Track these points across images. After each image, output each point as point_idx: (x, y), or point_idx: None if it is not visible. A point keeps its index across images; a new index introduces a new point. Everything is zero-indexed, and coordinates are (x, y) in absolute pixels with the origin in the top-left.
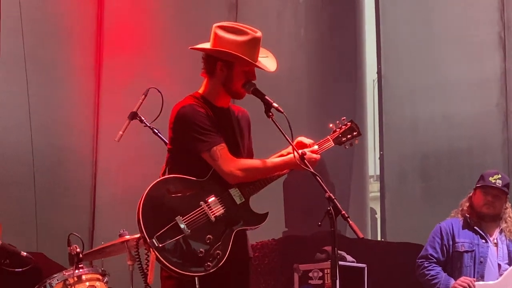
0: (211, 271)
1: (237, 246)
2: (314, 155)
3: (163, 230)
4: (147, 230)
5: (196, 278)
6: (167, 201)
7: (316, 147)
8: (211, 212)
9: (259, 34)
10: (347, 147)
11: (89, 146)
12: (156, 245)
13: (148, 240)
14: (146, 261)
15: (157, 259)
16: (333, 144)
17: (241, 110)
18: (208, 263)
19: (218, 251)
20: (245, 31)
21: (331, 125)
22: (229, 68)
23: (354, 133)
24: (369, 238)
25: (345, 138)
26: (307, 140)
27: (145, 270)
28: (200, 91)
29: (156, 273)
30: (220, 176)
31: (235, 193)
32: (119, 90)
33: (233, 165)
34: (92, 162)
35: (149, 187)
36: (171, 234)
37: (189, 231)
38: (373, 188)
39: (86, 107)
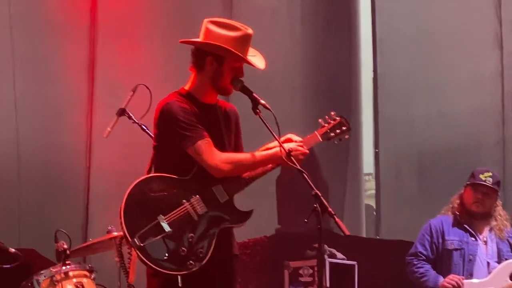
0: (193, 269)
1: (222, 244)
2: (301, 149)
3: (144, 229)
4: (128, 229)
5: (179, 276)
6: (149, 200)
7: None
8: (194, 211)
9: (250, 31)
10: (336, 142)
11: (83, 142)
12: (138, 244)
13: (130, 239)
14: (129, 260)
15: (139, 258)
16: (321, 140)
17: (229, 105)
18: (191, 261)
19: (200, 250)
20: (237, 27)
21: (320, 120)
22: (219, 63)
23: (344, 128)
24: (364, 236)
25: (333, 134)
26: (296, 138)
27: (127, 269)
28: (186, 87)
29: (141, 272)
30: (203, 175)
31: (218, 191)
32: (113, 86)
33: (218, 159)
34: (86, 158)
35: (131, 186)
36: (153, 233)
37: (171, 230)
38: (372, 186)
39: (79, 104)
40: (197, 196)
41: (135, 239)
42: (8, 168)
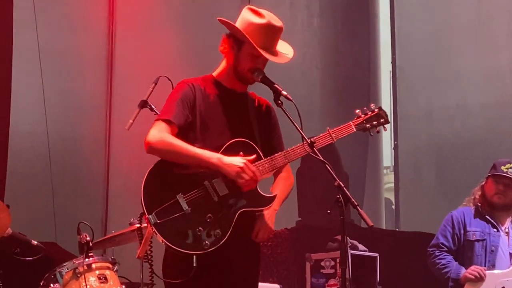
0: (209, 250)
1: (244, 228)
2: (242, 169)
3: (163, 207)
4: (147, 205)
5: (194, 256)
6: (171, 178)
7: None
8: (215, 191)
9: (278, 23)
10: (372, 134)
11: (102, 135)
12: (153, 221)
13: (147, 215)
14: (140, 234)
15: (155, 235)
16: (355, 130)
17: (265, 102)
18: (206, 242)
19: (217, 231)
20: (265, 16)
21: (357, 111)
22: (238, 47)
23: (381, 120)
24: (384, 228)
25: (369, 125)
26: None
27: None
28: (214, 73)
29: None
30: (229, 156)
31: None
32: (131, 79)
33: (158, 134)
34: (105, 151)
35: (155, 163)
36: (171, 211)
37: (190, 209)
38: (390, 179)
39: (98, 97)
40: (220, 177)
41: (152, 216)
42: (37, 162)
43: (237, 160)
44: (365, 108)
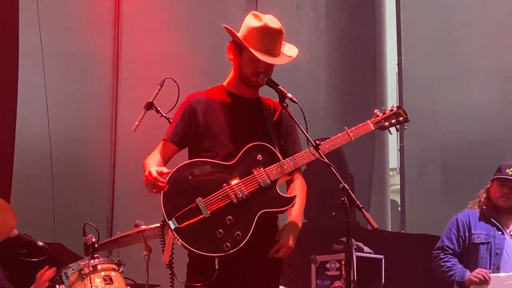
0: (230, 252)
1: (265, 229)
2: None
3: (182, 211)
4: (167, 211)
5: (216, 259)
6: (189, 183)
7: None
8: (233, 194)
9: (277, 26)
10: (391, 132)
11: (107, 137)
12: (174, 226)
13: (167, 221)
14: (162, 240)
15: (176, 239)
16: (373, 129)
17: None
18: (227, 243)
19: (238, 232)
20: (262, 19)
21: (375, 110)
22: (240, 52)
23: (400, 119)
24: (390, 230)
25: (388, 123)
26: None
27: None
28: (224, 82)
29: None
30: (246, 160)
31: (261, 175)
32: (137, 80)
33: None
34: (111, 153)
35: (174, 170)
36: (190, 215)
37: (209, 212)
38: (396, 181)
39: (104, 98)
40: (238, 180)
41: (171, 221)
42: (42, 164)
43: (147, 170)
44: (384, 108)
